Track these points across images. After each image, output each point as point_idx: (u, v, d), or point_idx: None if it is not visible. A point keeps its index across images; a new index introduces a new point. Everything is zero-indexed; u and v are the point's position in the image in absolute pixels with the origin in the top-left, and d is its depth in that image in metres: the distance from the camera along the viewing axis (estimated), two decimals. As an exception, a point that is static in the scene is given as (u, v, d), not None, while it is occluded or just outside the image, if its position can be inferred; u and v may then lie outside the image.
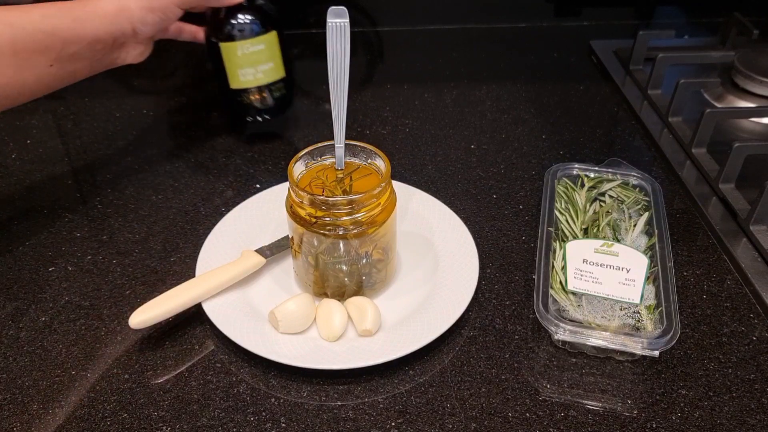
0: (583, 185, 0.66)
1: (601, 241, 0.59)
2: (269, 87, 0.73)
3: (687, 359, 0.53)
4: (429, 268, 0.60)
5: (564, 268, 0.57)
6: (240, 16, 0.69)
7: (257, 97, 0.73)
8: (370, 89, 0.89)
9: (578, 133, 0.80)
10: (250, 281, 0.58)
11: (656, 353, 0.51)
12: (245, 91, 0.73)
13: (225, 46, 0.70)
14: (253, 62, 0.71)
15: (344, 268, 0.55)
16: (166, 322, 0.56)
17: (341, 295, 0.57)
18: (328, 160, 0.57)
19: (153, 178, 0.73)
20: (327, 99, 0.54)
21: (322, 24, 0.52)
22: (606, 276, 0.56)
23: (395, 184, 0.67)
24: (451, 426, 0.49)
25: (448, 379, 0.52)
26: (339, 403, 0.50)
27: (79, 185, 0.72)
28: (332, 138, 0.55)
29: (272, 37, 0.71)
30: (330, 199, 0.52)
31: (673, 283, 0.55)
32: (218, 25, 0.70)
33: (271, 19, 0.71)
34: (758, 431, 0.49)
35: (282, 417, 0.49)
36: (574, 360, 0.53)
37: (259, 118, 0.76)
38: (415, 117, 0.83)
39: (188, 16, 0.71)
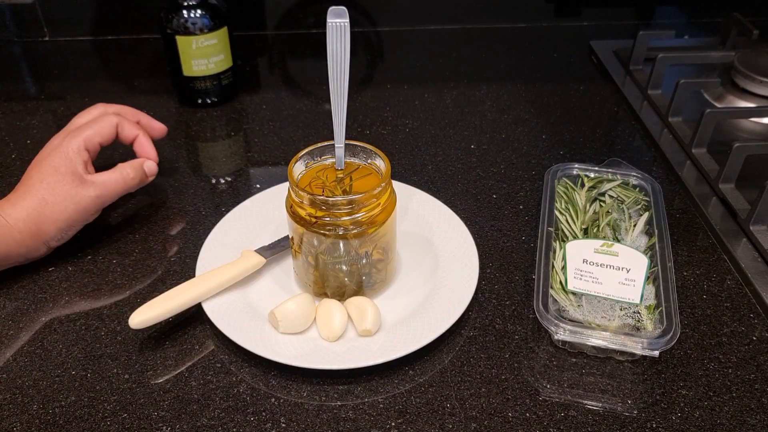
0: (583, 185, 0.66)
1: (601, 241, 0.59)
2: (219, 76, 0.82)
3: (687, 359, 0.53)
4: (429, 268, 0.60)
5: (564, 268, 0.57)
6: (196, 12, 0.78)
7: (208, 84, 0.82)
8: (370, 89, 0.89)
9: (578, 133, 0.80)
10: (250, 281, 0.58)
11: (656, 353, 0.51)
12: (197, 78, 0.82)
13: (181, 39, 0.78)
14: (206, 54, 0.80)
15: (344, 268, 0.55)
16: (166, 322, 0.56)
17: (341, 295, 0.57)
18: (328, 160, 0.57)
19: (153, 178, 0.72)
20: (327, 99, 0.55)
21: (322, 24, 0.52)
22: (606, 276, 0.56)
23: (395, 184, 0.67)
24: (451, 426, 0.49)
25: (448, 379, 0.52)
26: (339, 403, 0.50)
27: (79, 185, 0.72)
28: (332, 138, 0.55)
29: (223, 32, 0.80)
30: (330, 199, 0.52)
31: (673, 283, 0.55)
32: (176, 19, 0.78)
33: (222, 15, 0.80)
34: (758, 431, 0.49)
35: (282, 417, 0.49)
36: (574, 360, 0.53)
37: (209, 101, 0.84)
38: (415, 117, 0.83)
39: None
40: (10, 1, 0.95)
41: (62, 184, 0.59)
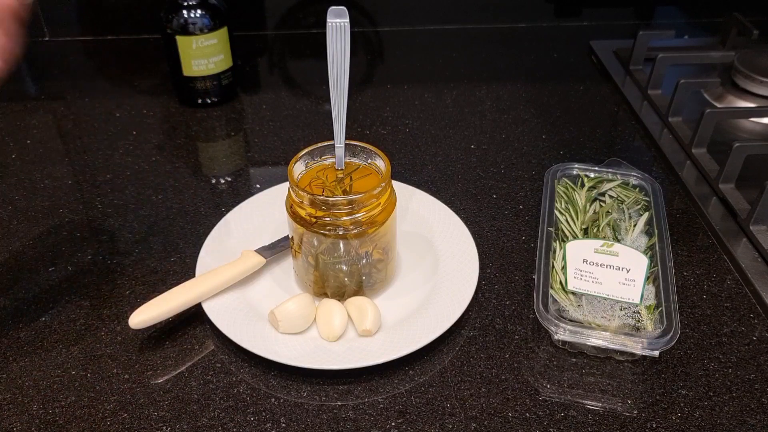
0: (583, 185, 0.66)
1: (601, 241, 0.59)
2: (219, 76, 0.82)
3: (687, 359, 0.53)
4: (429, 268, 0.60)
5: (564, 268, 0.57)
6: (196, 12, 0.78)
7: (207, 84, 0.82)
8: (370, 89, 0.89)
9: (578, 133, 0.80)
10: (250, 281, 0.58)
11: (656, 353, 0.51)
12: (197, 78, 0.81)
13: (181, 39, 0.78)
14: (206, 54, 0.80)
15: (344, 268, 0.55)
16: (166, 322, 0.56)
17: (341, 295, 0.57)
18: (328, 160, 0.57)
19: (153, 178, 0.73)
20: (327, 99, 0.55)
21: (322, 24, 0.52)
22: (606, 276, 0.56)
23: (395, 184, 0.67)
24: (451, 426, 0.49)
25: (448, 379, 0.52)
26: (339, 403, 0.50)
27: (79, 185, 0.72)
28: (332, 138, 0.55)
29: (223, 32, 0.80)
30: (330, 199, 0.52)
31: (673, 283, 0.55)
32: (176, 19, 0.78)
33: (222, 15, 0.80)
34: (758, 431, 0.49)
35: (282, 417, 0.49)
36: (574, 360, 0.53)
37: (209, 101, 0.84)
38: (415, 117, 0.83)
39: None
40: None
41: None
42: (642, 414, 0.49)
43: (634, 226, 0.61)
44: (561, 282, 0.56)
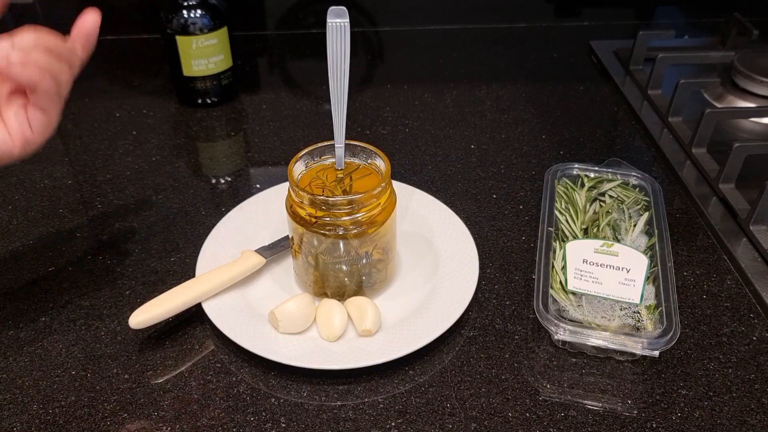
0: (583, 185, 0.66)
1: (601, 241, 0.59)
2: (219, 76, 0.82)
3: (687, 359, 0.53)
4: (429, 268, 0.60)
5: (564, 268, 0.57)
6: (196, 12, 0.78)
7: (207, 84, 0.82)
8: (370, 89, 0.89)
9: (578, 133, 0.80)
10: (250, 281, 0.58)
11: (656, 353, 0.51)
12: (197, 78, 0.82)
13: (181, 39, 0.78)
14: (206, 54, 0.80)
15: (344, 268, 0.55)
16: (166, 322, 0.56)
17: (341, 295, 0.57)
18: (328, 160, 0.57)
19: (153, 178, 0.73)
20: (327, 99, 0.55)
21: (322, 24, 0.52)
22: (606, 276, 0.56)
23: (395, 184, 0.67)
24: (451, 426, 0.49)
25: (448, 379, 0.52)
26: (339, 403, 0.50)
27: (79, 185, 0.72)
28: (332, 138, 0.55)
29: (224, 32, 0.80)
30: (330, 199, 0.52)
31: (673, 283, 0.55)
32: (175, 19, 0.78)
33: (222, 15, 0.80)
34: (758, 431, 0.49)
35: (282, 417, 0.49)
36: (574, 360, 0.53)
37: (209, 101, 0.84)
38: (415, 117, 0.83)
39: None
40: (10, 1, 0.95)
41: None
42: (642, 414, 0.49)
43: (634, 226, 0.61)
44: (561, 282, 0.56)
